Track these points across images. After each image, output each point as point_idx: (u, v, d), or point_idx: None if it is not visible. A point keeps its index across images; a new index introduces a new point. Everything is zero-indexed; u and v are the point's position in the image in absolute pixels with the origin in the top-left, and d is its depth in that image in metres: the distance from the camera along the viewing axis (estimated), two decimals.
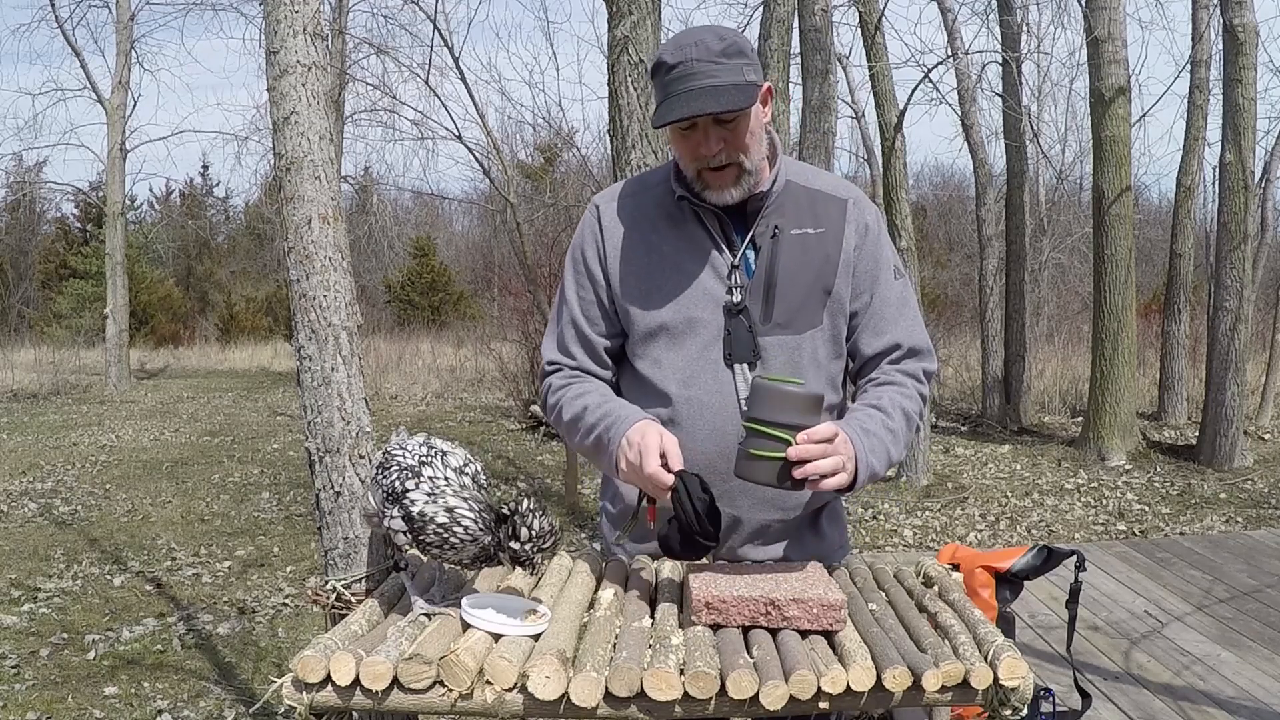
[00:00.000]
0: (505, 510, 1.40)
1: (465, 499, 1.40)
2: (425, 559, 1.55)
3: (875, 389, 1.68)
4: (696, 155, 1.60)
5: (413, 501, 1.40)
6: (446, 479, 1.42)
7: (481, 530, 1.39)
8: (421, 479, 1.41)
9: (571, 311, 1.72)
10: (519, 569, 1.42)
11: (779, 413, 1.42)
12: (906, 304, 1.72)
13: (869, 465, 1.54)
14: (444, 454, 1.46)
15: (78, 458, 9.02)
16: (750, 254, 1.66)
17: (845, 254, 1.68)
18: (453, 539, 1.38)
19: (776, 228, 1.66)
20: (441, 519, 1.38)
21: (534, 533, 1.38)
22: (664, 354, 1.67)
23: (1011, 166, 10.44)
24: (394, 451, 1.48)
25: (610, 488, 1.81)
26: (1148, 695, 3.47)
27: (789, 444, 1.42)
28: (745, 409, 1.45)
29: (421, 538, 1.40)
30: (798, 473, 1.43)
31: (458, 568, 1.45)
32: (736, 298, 1.64)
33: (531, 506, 1.39)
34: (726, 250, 1.65)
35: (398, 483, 1.42)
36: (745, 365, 1.64)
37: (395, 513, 1.41)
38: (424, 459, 1.45)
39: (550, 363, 1.75)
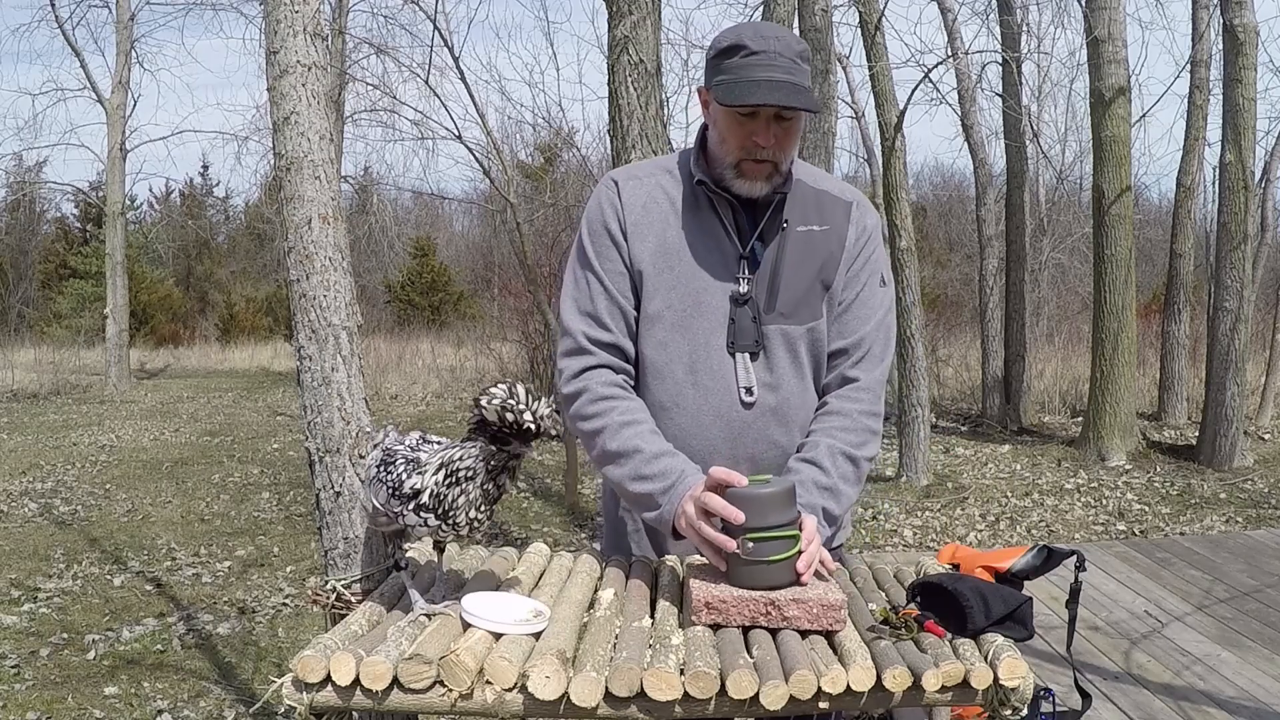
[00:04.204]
0: (473, 419, 1.37)
1: (445, 447, 1.42)
2: (434, 546, 1.55)
3: (817, 429, 1.69)
4: (746, 143, 1.61)
5: (418, 490, 1.40)
6: (433, 450, 1.44)
7: (472, 446, 1.38)
8: (420, 466, 1.42)
9: (601, 280, 1.69)
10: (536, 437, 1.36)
11: (774, 515, 1.43)
12: (880, 309, 1.74)
13: (837, 518, 1.63)
14: (437, 441, 1.48)
15: (78, 458, 9.02)
16: (758, 245, 1.68)
17: (846, 253, 1.71)
18: (461, 474, 1.38)
19: (785, 222, 1.69)
20: (443, 479, 1.39)
21: (529, 399, 1.33)
22: (669, 337, 1.68)
23: (1011, 166, 10.44)
24: (395, 448, 1.49)
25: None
26: (1148, 695, 3.47)
27: (795, 539, 1.44)
28: (727, 522, 1.45)
29: (446, 508, 1.39)
30: (809, 573, 1.45)
31: (490, 509, 1.42)
32: (743, 287, 1.66)
33: (500, 392, 1.35)
34: (737, 240, 1.68)
35: (404, 475, 1.42)
36: (746, 354, 1.66)
37: (410, 508, 1.41)
38: (417, 446, 1.47)
39: (586, 337, 1.68)
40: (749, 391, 1.66)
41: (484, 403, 1.35)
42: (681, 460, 1.60)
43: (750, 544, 1.43)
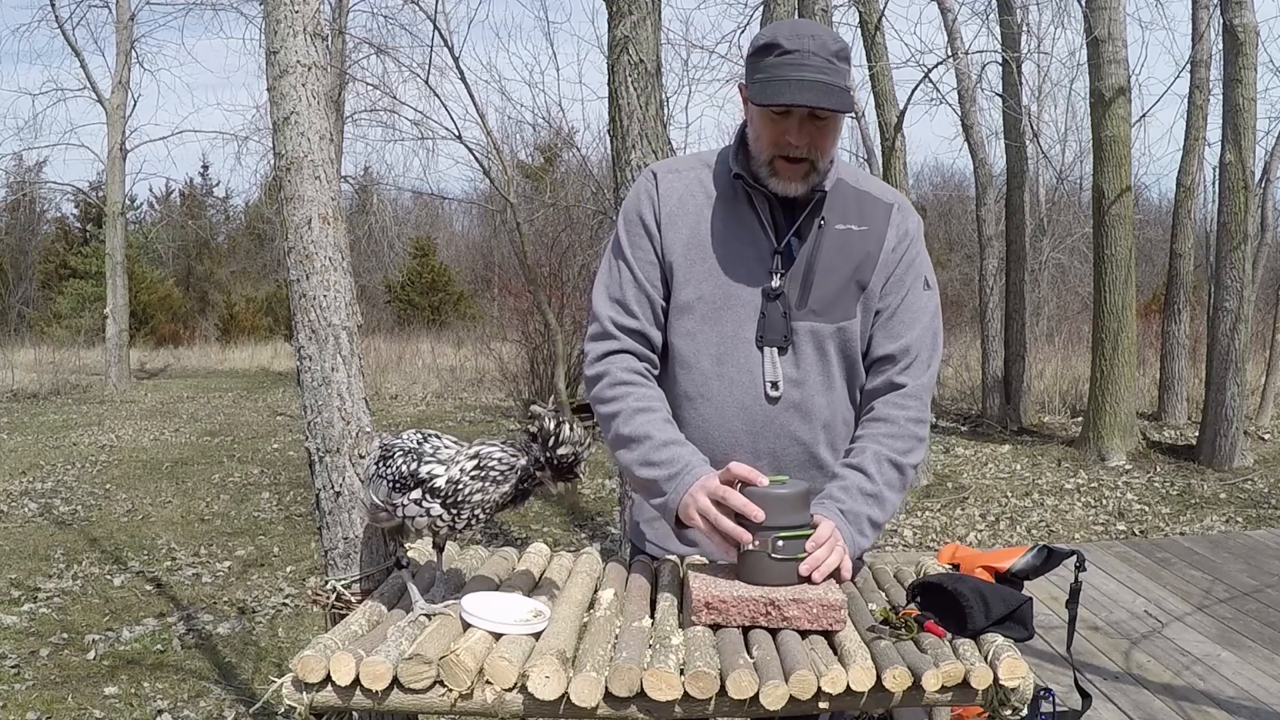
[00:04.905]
0: (533, 428, 1.41)
1: (482, 442, 1.43)
2: (433, 546, 1.55)
3: (864, 435, 1.69)
4: (779, 141, 1.62)
5: (434, 475, 1.41)
6: (446, 445, 1.45)
7: (514, 455, 1.40)
8: (425, 455, 1.43)
9: (632, 268, 1.71)
10: (561, 484, 1.43)
11: (794, 515, 1.46)
12: (926, 313, 1.73)
13: (857, 545, 1.59)
14: (437, 435, 1.49)
15: (78, 458, 9.02)
16: (794, 242, 1.69)
17: (885, 254, 1.71)
18: (492, 474, 1.40)
19: (823, 219, 1.69)
20: (471, 469, 1.40)
21: (575, 435, 1.39)
22: (698, 328, 1.69)
23: (1011, 166, 10.44)
24: (391, 443, 1.49)
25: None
26: (1148, 695, 3.47)
27: (810, 535, 1.47)
28: (751, 521, 1.46)
29: (459, 499, 1.40)
30: (816, 576, 1.47)
31: (492, 515, 1.44)
32: (776, 282, 1.66)
33: (558, 415, 1.40)
34: (773, 236, 1.68)
35: (404, 467, 1.43)
36: (775, 349, 1.67)
37: (414, 498, 1.41)
38: (423, 442, 1.47)
39: (613, 322, 1.70)
40: (774, 386, 1.67)
41: (564, 439, 1.40)
42: (690, 451, 1.61)
43: (780, 542, 1.44)
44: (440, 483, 1.40)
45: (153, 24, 40.23)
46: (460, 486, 1.40)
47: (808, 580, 1.46)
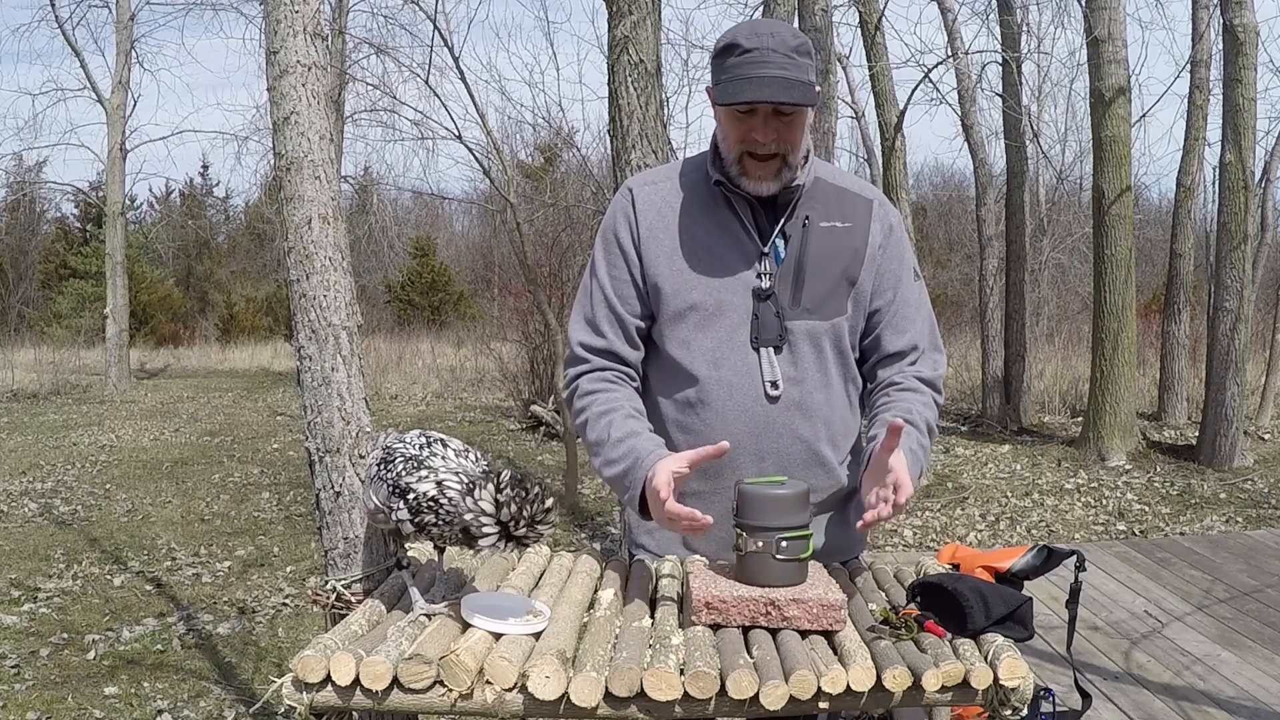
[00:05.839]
0: (480, 477, 1.35)
1: (455, 471, 1.40)
2: (433, 547, 1.55)
3: (902, 397, 1.71)
4: (745, 139, 1.63)
5: (409, 488, 1.40)
6: (444, 458, 1.44)
7: (461, 495, 1.36)
8: (423, 467, 1.42)
9: (604, 289, 1.73)
10: (512, 550, 1.34)
11: (795, 515, 1.46)
12: (923, 304, 1.78)
13: (915, 484, 1.59)
14: (443, 441, 1.48)
15: (78, 458, 9.02)
16: (780, 243, 1.70)
17: (870, 249, 1.73)
18: (442, 510, 1.37)
19: (807, 218, 1.71)
20: (432, 493, 1.38)
21: (498, 499, 1.30)
22: (692, 336, 1.70)
23: (1011, 166, 10.43)
24: (395, 445, 1.49)
25: None
26: (1148, 695, 3.47)
27: (810, 537, 1.48)
28: (754, 522, 1.45)
29: (421, 519, 1.39)
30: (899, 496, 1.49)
31: (459, 555, 1.44)
32: (765, 283, 1.68)
33: (507, 478, 1.32)
34: (757, 238, 1.69)
35: (404, 473, 1.42)
36: (771, 349, 1.68)
37: (402, 504, 1.41)
38: (425, 447, 1.46)
39: (581, 345, 1.73)
40: (774, 385, 1.67)
41: (467, 509, 1.33)
42: (643, 440, 1.62)
43: (784, 543, 1.44)
44: (410, 498, 1.40)
45: (153, 24, 40.21)
46: (423, 517, 1.39)
47: (809, 580, 1.47)
